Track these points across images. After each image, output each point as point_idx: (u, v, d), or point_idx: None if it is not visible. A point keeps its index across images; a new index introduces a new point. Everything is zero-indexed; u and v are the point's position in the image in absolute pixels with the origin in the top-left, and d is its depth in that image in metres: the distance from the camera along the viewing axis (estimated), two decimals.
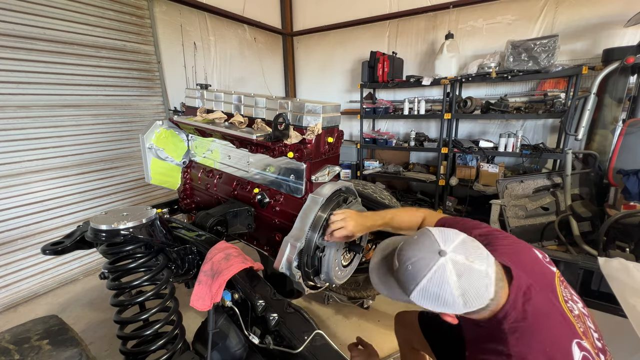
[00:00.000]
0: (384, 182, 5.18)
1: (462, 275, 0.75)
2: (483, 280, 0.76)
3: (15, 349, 0.91)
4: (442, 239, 0.79)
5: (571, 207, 3.04)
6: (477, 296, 0.76)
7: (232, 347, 1.18)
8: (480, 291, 0.76)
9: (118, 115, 3.29)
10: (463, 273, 0.75)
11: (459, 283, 0.74)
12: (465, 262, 0.76)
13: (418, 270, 0.77)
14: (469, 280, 0.75)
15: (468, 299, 0.75)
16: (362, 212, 1.34)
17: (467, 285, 0.75)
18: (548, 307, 0.82)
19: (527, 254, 0.93)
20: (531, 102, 3.94)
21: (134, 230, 1.14)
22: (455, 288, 0.74)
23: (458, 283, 0.74)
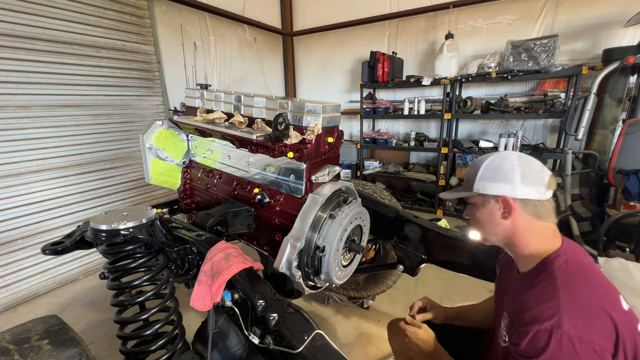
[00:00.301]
0: (384, 182, 5.18)
1: (522, 156, 0.90)
2: (541, 166, 0.88)
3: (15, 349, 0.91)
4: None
5: (571, 207, 3.04)
6: (533, 173, 0.86)
7: (232, 347, 1.18)
8: (536, 170, 0.87)
9: (118, 115, 3.29)
10: (522, 155, 0.90)
11: (519, 159, 0.88)
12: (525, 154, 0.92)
13: (486, 156, 0.94)
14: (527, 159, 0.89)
15: (525, 172, 0.86)
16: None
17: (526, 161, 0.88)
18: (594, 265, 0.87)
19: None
20: (531, 102, 3.94)
21: (134, 230, 1.14)
22: (515, 159, 0.88)
23: (518, 159, 0.88)
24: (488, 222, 0.94)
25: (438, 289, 2.71)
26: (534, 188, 0.85)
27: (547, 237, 0.89)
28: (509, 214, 0.88)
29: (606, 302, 0.75)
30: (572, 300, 0.75)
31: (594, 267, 0.86)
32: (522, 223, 0.88)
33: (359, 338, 2.23)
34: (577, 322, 0.71)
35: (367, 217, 1.52)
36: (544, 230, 0.89)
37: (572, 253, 0.86)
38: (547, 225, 0.89)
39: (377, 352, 2.09)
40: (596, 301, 0.75)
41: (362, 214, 1.46)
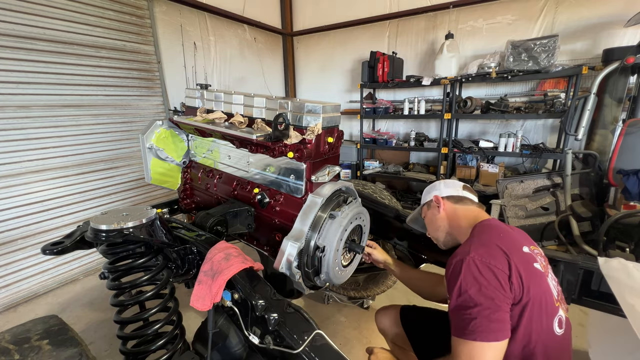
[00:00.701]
0: (384, 182, 5.18)
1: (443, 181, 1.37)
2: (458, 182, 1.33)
3: (15, 349, 0.91)
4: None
5: (571, 207, 3.04)
6: (452, 182, 1.33)
7: (232, 347, 1.18)
8: (455, 182, 1.33)
9: (118, 115, 3.29)
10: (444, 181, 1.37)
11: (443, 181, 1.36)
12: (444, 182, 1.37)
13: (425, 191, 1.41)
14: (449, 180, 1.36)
15: (446, 183, 1.33)
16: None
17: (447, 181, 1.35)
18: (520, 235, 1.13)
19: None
20: (531, 102, 3.94)
21: (134, 230, 1.14)
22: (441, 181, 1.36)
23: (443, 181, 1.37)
24: (432, 219, 1.30)
25: None
26: (453, 189, 1.29)
27: (472, 214, 1.21)
28: (440, 206, 1.26)
29: (503, 243, 0.99)
30: (480, 240, 1.03)
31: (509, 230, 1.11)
32: (451, 209, 1.25)
33: (359, 338, 2.23)
34: (479, 251, 0.96)
35: (367, 217, 1.52)
36: (468, 212, 1.22)
37: (494, 220, 1.15)
38: (469, 207, 1.24)
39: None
40: (496, 240, 1.00)
41: (362, 214, 1.46)
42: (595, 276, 1.30)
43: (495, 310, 0.87)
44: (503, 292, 0.89)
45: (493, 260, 0.93)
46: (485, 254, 0.95)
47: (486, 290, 0.89)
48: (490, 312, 0.86)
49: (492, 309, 0.87)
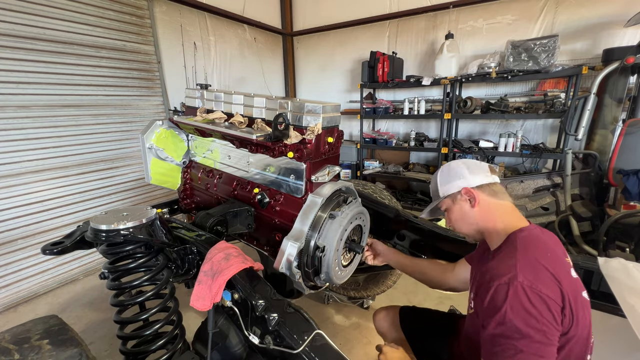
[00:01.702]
0: (384, 182, 5.18)
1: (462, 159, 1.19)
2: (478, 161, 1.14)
3: (15, 349, 0.91)
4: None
5: (571, 207, 3.04)
6: (474, 164, 1.11)
7: (232, 347, 1.18)
8: (476, 163, 1.12)
9: (118, 115, 3.29)
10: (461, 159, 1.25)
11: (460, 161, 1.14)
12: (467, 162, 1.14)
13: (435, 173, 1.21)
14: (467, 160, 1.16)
15: (468, 165, 1.10)
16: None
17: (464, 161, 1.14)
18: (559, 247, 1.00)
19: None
20: (531, 102, 3.94)
21: (134, 230, 1.14)
22: (457, 162, 1.14)
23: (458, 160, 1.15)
24: (462, 216, 1.10)
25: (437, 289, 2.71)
26: (482, 174, 1.07)
27: (508, 215, 1.05)
28: (474, 200, 1.05)
29: (551, 265, 0.87)
30: (526, 259, 0.88)
31: (552, 244, 0.99)
32: (485, 205, 1.05)
33: (359, 338, 2.23)
34: (527, 275, 0.83)
35: (367, 217, 1.52)
36: (503, 208, 1.06)
37: (535, 231, 1.00)
38: (505, 203, 1.06)
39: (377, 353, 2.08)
40: (543, 261, 0.87)
41: (362, 214, 1.46)
42: (595, 276, 1.30)
43: (546, 345, 0.78)
44: (555, 326, 0.80)
45: (545, 289, 0.81)
46: (536, 280, 0.82)
47: (537, 323, 0.78)
48: (539, 347, 0.77)
49: (542, 344, 0.78)
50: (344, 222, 1.31)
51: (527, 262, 0.86)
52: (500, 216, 1.04)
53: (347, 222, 1.33)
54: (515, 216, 1.04)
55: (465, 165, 1.10)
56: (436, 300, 2.58)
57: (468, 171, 1.07)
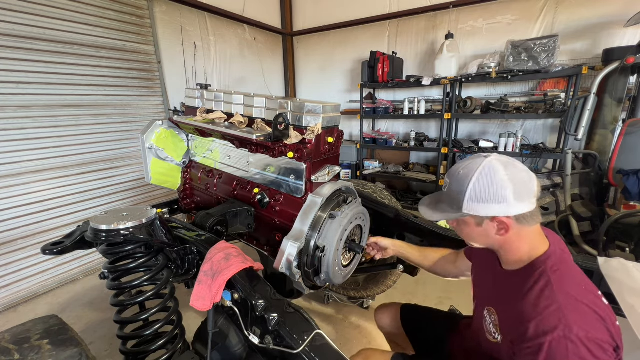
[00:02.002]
0: (384, 182, 5.18)
1: (508, 166, 0.83)
2: (527, 173, 0.84)
3: (15, 349, 0.91)
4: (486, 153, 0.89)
5: (571, 207, 3.04)
6: (523, 183, 0.82)
7: (232, 347, 1.18)
8: (526, 180, 0.83)
9: (118, 115, 3.29)
10: (508, 164, 0.84)
11: (506, 171, 0.82)
12: (509, 160, 0.86)
13: (469, 171, 0.86)
14: (515, 169, 0.84)
15: (516, 186, 0.81)
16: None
17: (514, 172, 0.83)
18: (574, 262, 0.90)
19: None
20: (531, 102, 3.94)
21: (134, 230, 1.14)
22: (504, 174, 0.82)
23: (506, 171, 0.82)
24: (480, 236, 0.93)
25: (437, 289, 2.71)
26: (527, 202, 0.83)
27: (535, 240, 0.90)
28: (505, 231, 0.87)
29: (594, 301, 0.79)
30: (570, 303, 0.77)
31: (574, 265, 0.90)
32: (515, 234, 0.88)
33: (359, 338, 2.23)
34: (581, 324, 0.73)
35: (367, 217, 1.52)
36: (532, 234, 0.90)
37: (560, 252, 0.90)
38: (534, 228, 0.89)
39: None
40: (586, 300, 0.78)
41: (362, 214, 1.46)
42: (595, 276, 1.30)
43: None
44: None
45: (600, 334, 0.74)
46: (590, 328, 0.73)
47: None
48: None
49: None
50: (344, 222, 1.31)
51: (573, 307, 0.76)
52: (526, 243, 0.89)
53: (347, 222, 1.33)
54: (539, 238, 0.91)
55: (512, 184, 0.81)
56: (436, 300, 2.58)
57: (513, 196, 0.81)
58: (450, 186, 0.92)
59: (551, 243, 0.91)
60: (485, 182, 0.83)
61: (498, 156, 0.86)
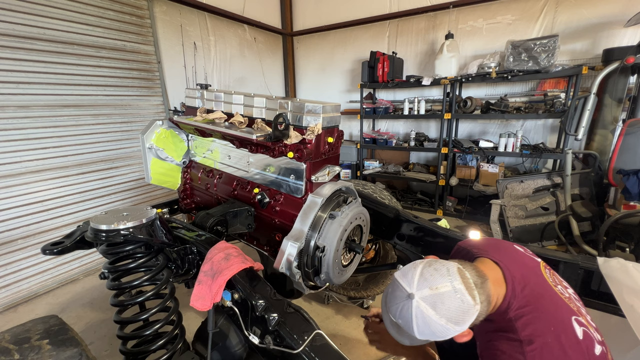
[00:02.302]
0: (384, 182, 5.18)
1: (436, 305, 0.79)
2: (455, 297, 0.80)
3: (15, 348, 0.91)
4: (407, 282, 0.84)
5: (571, 207, 3.04)
6: (462, 312, 0.80)
7: (232, 347, 1.18)
8: (461, 306, 0.80)
9: (118, 115, 3.29)
10: (435, 303, 0.79)
11: (437, 313, 0.79)
12: (431, 292, 0.80)
13: (406, 322, 0.83)
14: (444, 305, 0.79)
15: (456, 319, 0.79)
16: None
17: (445, 309, 0.79)
18: (542, 290, 0.90)
19: (509, 249, 1.05)
20: (531, 102, 3.94)
21: (134, 230, 1.14)
22: (438, 318, 0.79)
23: (437, 314, 0.79)
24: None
25: None
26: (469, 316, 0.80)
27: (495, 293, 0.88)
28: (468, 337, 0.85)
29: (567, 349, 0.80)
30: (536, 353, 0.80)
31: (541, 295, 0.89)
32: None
33: (359, 338, 2.23)
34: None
35: (367, 217, 1.52)
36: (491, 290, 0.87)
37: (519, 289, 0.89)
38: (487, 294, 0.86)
39: (377, 352, 2.08)
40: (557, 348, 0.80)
41: (362, 214, 1.46)
42: (595, 276, 1.30)
43: None
44: None
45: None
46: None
47: None
48: None
49: None
50: (344, 222, 1.31)
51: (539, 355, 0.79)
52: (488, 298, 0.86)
53: (347, 222, 1.33)
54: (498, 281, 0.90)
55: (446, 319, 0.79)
56: None
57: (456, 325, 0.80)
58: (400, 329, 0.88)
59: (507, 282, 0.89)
60: (425, 327, 0.81)
61: (423, 296, 0.81)
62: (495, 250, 1.01)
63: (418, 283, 0.82)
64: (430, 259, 0.92)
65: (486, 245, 1.07)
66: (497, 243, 1.09)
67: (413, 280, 0.83)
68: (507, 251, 1.02)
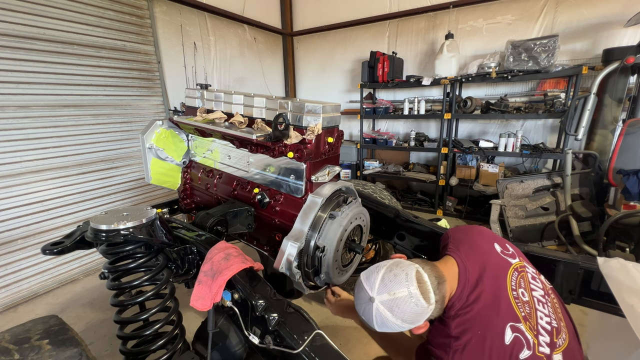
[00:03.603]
0: (384, 182, 5.18)
1: (393, 309, 0.90)
2: (410, 302, 0.89)
3: (15, 349, 0.91)
4: (369, 286, 0.94)
5: (571, 207, 3.04)
6: (415, 314, 0.90)
7: (232, 347, 1.18)
8: (415, 309, 0.90)
9: (118, 115, 3.29)
10: (392, 307, 0.90)
11: (394, 316, 0.90)
12: (389, 297, 0.90)
13: (368, 319, 0.95)
14: (399, 309, 0.89)
15: (410, 320, 0.91)
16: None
17: (401, 312, 0.89)
18: (493, 293, 0.97)
19: (482, 249, 1.09)
20: (531, 102, 3.94)
21: (134, 230, 1.14)
22: (395, 320, 0.90)
23: (394, 316, 0.90)
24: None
25: None
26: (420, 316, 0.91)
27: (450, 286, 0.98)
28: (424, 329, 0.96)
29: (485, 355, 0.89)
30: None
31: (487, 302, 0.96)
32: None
33: (359, 338, 2.23)
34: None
35: (367, 217, 1.52)
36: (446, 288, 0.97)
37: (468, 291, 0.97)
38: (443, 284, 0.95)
39: (377, 352, 2.08)
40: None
41: (362, 214, 1.46)
42: (595, 276, 1.30)
43: None
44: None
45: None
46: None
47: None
48: None
49: None
50: (344, 222, 1.31)
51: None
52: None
53: (347, 222, 1.33)
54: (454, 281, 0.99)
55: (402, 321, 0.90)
56: None
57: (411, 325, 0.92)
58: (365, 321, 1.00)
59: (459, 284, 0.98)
60: (383, 326, 0.93)
61: (382, 300, 0.90)
62: (466, 248, 1.07)
63: (379, 288, 0.92)
64: (394, 261, 0.99)
65: (462, 240, 1.12)
66: (473, 240, 1.12)
67: (374, 284, 0.93)
68: (477, 251, 1.07)
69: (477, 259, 1.04)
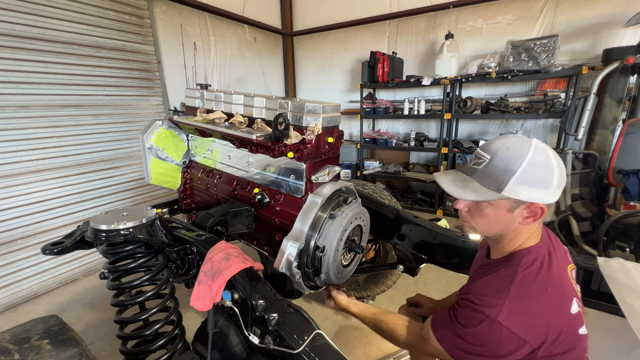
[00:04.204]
0: (384, 182, 5.18)
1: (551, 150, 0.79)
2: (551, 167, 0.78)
3: (15, 349, 0.91)
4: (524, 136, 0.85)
5: (571, 207, 3.04)
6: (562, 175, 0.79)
7: (232, 347, 1.18)
8: (562, 167, 0.79)
9: (118, 115, 3.29)
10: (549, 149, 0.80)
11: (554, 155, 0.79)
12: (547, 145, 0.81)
13: (521, 149, 0.78)
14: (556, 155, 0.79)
15: (561, 172, 0.78)
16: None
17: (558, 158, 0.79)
18: (563, 266, 0.88)
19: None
20: (531, 102, 3.94)
21: (134, 230, 1.14)
22: (553, 158, 0.78)
23: (553, 155, 0.79)
24: (501, 224, 0.85)
25: (438, 289, 2.71)
26: (560, 189, 0.78)
27: (532, 234, 0.88)
28: (534, 219, 0.82)
29: (551, 308, 0.79)
30: (520, 301, 0.78)
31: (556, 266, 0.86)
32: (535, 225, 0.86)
33: (359, 338, 2.23)
34: (512, 317, 0.76)
35: (367, 217, 1.52)
36: (534, 227, 0.88)
37: (546, 253, 0.87)
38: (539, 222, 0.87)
39: (377, 352, 2.09)
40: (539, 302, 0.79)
41: (362, 214, 1.46)
42: (595, 276, 1.30)
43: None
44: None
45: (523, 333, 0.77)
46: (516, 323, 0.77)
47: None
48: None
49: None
50: (344, 222, 1.31)
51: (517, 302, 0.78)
52: (526, 235, 0.87)
53: (347, 222, 1.33)
54: (536, 234, 0.89)
55: (558, 169, 0.77)
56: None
57: (557, 182, 0.77)
58: (491, 163, 0.81)
59: (542, 240, 0.90)
60: (538, 165, 0.76)
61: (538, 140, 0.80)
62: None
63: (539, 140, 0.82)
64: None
65: None
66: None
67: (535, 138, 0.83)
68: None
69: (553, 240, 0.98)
